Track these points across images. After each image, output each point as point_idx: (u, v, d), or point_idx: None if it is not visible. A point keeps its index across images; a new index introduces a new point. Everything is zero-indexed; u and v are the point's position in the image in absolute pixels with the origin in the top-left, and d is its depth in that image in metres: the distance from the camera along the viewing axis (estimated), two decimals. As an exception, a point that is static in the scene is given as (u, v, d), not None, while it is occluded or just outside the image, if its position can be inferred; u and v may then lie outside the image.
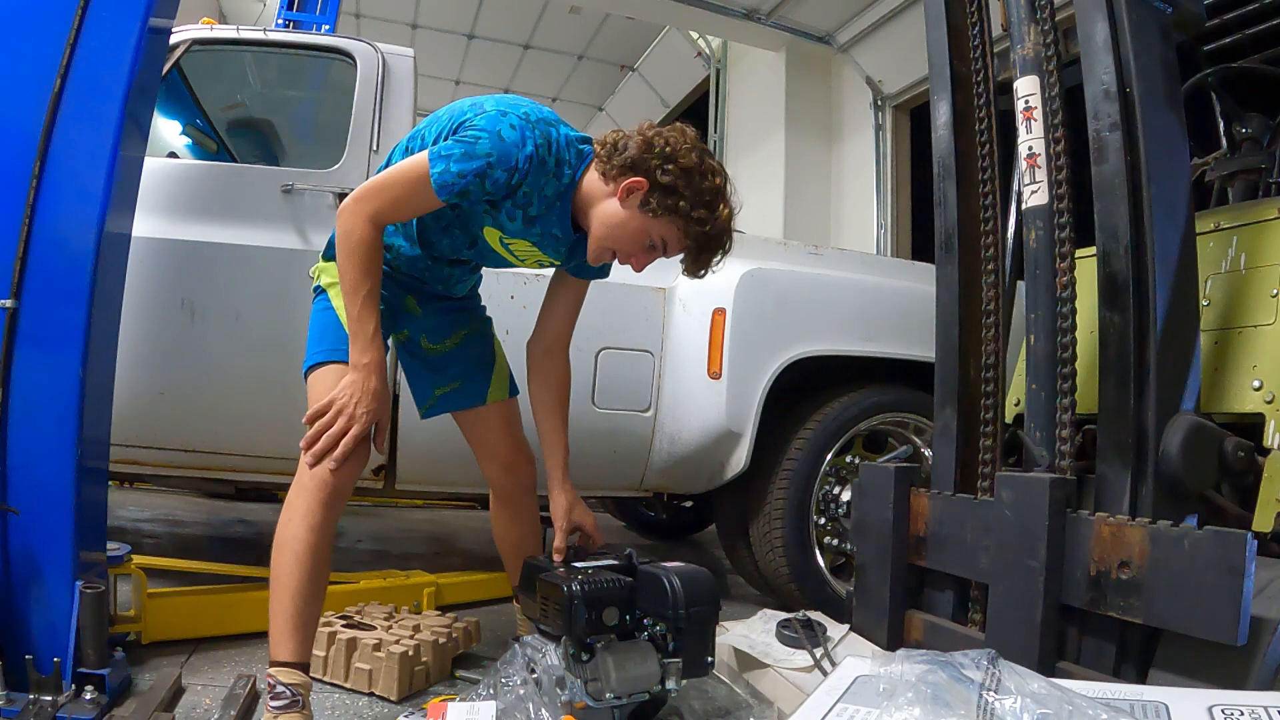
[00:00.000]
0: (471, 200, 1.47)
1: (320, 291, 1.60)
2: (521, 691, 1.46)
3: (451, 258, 1.66)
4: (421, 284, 1.70)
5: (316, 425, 1.41)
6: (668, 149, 1.41)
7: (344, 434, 1.40)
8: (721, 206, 1.43)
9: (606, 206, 1.45)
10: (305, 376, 1.54)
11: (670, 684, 1.43)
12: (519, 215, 1.51)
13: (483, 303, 1.87)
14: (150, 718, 1.43)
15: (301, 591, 1.38)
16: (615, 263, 1.56)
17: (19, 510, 1.47)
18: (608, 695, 1.39)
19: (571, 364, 1.78)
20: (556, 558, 1.62)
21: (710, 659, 1.46)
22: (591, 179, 1.48)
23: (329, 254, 1.61)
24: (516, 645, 1.53)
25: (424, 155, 1.43)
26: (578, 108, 8.12)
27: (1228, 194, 2.27)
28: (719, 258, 1.49)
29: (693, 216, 1.41)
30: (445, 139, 1.46)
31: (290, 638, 1.37)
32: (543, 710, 1.42)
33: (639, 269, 1.52)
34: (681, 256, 1.48)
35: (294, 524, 1.41)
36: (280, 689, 1.33)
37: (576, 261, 1.64)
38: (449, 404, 1.77)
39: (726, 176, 1.47)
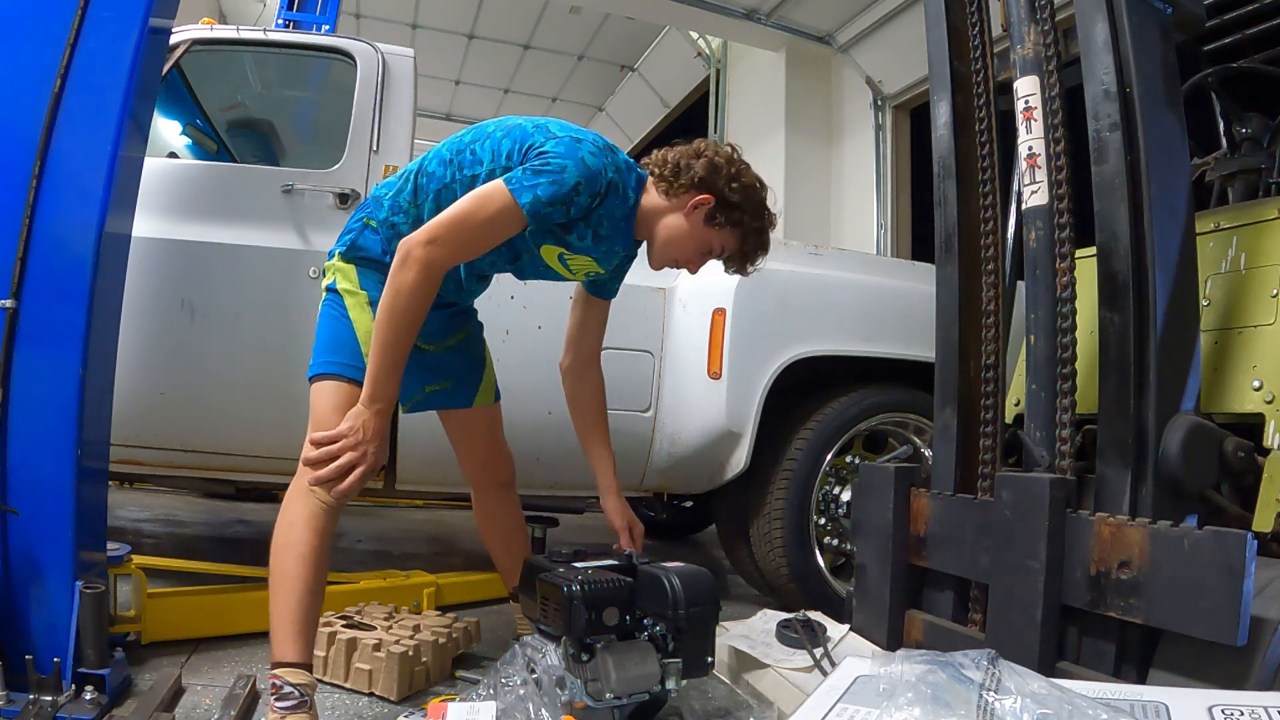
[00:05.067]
0: (549, 224, 1.50)
1: (333, 293, 1.57)
2: (522, 691, 1.46)
3: (483, 273, 1.68)
4: (440, 296, 1.68)
5: (323, 450, 1.39)
6: (732, 169, 1.56)
7: (352, 468, 1.39)
8: (769, 214, 1.61)
9: (671, 220, 1.57)
10: (311, 380, 1.52)
11: (670, 684, 1.43)
12: (589, 235, 1.57)
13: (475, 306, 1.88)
14: (150, 718, 1.43)
15: (307, 594, 1.39)
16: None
17: (19, 510, 1.47)
18: (608, 695, 1.39)
19: (571, 364, 1.80)
20: (626, 546, 1.68)
21: (710, 659, 1.46)
22: (651, 197, 1.59)
23: (347, 255, 1.58)
24: (516, 645, 1.53)
25: (499, 187, 1.43)
26: (578, 108, 8.12)
27: (1228, 194, 2.27)
28: (764, 258, 1.67)
29: (753, 227, 1.58)
30: (517, 166, 1.47)
31: (296, 639, 1.37)
32: (543, 710, 1.42)
33: (695, 271, 1.67)
34: (729, 257, 1.63)
35: (297, 528, 1.41)
36: (288, 689, 1.33)
37: (610, 275, 1.73)
38: (435, 403, 1.80)
39: (766, 187, 1.63)
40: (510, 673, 1.50)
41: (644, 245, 1.66)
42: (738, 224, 1.57)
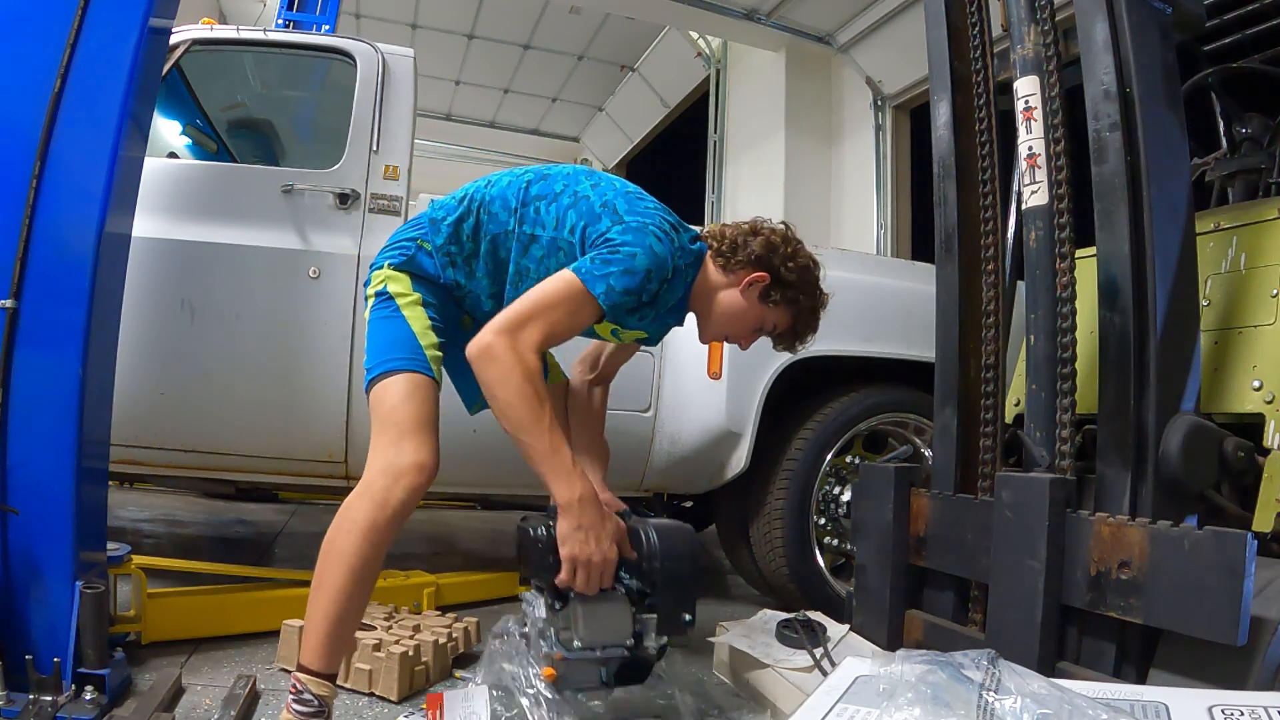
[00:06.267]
0: (621, 313, 1.48)
1: (383, 296, 1.51)
2: (507, 667, 1.46)
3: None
4: (484, 312, 1.63)
5: (574, 576, 1.38)
6: (788, 249, 1.58)
7: (602, 576, 1.39)
8: (822, 294, 1.63)
9: (726, 296, 1.59)
10: (371, 384, 1.45)
11: (649, 642, 1.42)
12: (650, 315, 1.56)
13: None
14: (150, 718, 1.43)
15: (349, 604, 1.34)
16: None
17: (19, 510, 1.47)
18: (576, 644, 1.39)
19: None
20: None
21: (689, 618, 1.43)
22: (707, 272, 1.60)
23: (401, 267, 1.53)
24: (509, 623, 1.54)
25: (572, 276, 1.40)
26: (578, 108, 8.12)
27: (1228, 194, 2.27)
28: (814, 338, 1.68)
29: (806, 306, 1.60)
30: (578, 247, 1.49)
31: (325, 646, 1.33)
32: (531, 672, 1.42)
33: (745, 348, 1.69)
34: (780, 335, 1.64)
35: (355, 536, 1.34)
36: (308, 696, 1.31)
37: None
38: None
39: (820, 265, 1.65)
40: (496, 646, 1.50)
41: (692, 315, 1.66)
42: (792, 302, 1.59)
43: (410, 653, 1.72)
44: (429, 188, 2.35)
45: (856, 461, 2.49)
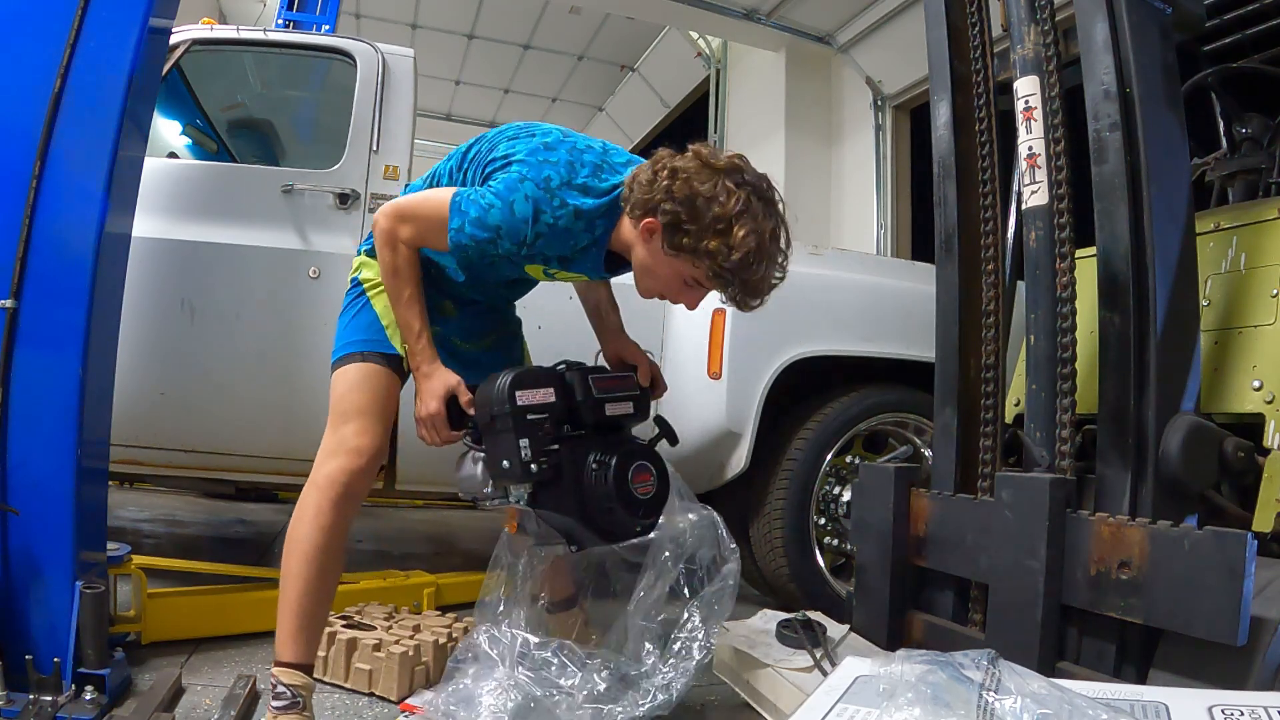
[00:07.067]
0: (498, 256, 1.45)
1: (356, 284, 1.59)
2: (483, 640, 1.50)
3: (501, 282, 1.66)
4: (462, 292, 1.67)
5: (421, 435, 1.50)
6: (666, 180, 1.30)
7: (435, 429, 1.48)
8: (736, 231, 1.27)
9: (638, 252, 1.40)
10: (333, 371, 1.54)
11: (515, 499, 1.45)
12: (554, 260, 1.48)
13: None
14: (150, 718, 1.43)
15: (308, 592, 1.38)
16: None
17: (19, 510, 1.47)
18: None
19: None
20: (644, 381, 1.66)
21: (506, 464, 1.42)
22: (622, 224, 1.42)
23: (371, 251, 1.58)
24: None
25: (448, 199, 1.41)
26: (578, 108, 8.11)
27: (1228, 194, 2.27)
28: (770, 282, 1.35)
29: (704, 250, 1.29)
30: (475, 181, 1.47)
31: (293, 638, 1.37)
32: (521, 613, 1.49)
33: (692, 307, 1.46)
34: (715, 289, 1.38)
35: (304, 523, 1.41)
36: (281, 689, 1.33)
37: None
38: None
39: (758, 193, 1.31)
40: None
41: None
42: (685, 249, 1.30)
43: (410, 653, 1.72)
44: (429, 188, 2.35)
45: (856, 461, 2.49)
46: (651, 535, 1.50)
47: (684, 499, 1.56)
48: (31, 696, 1.41)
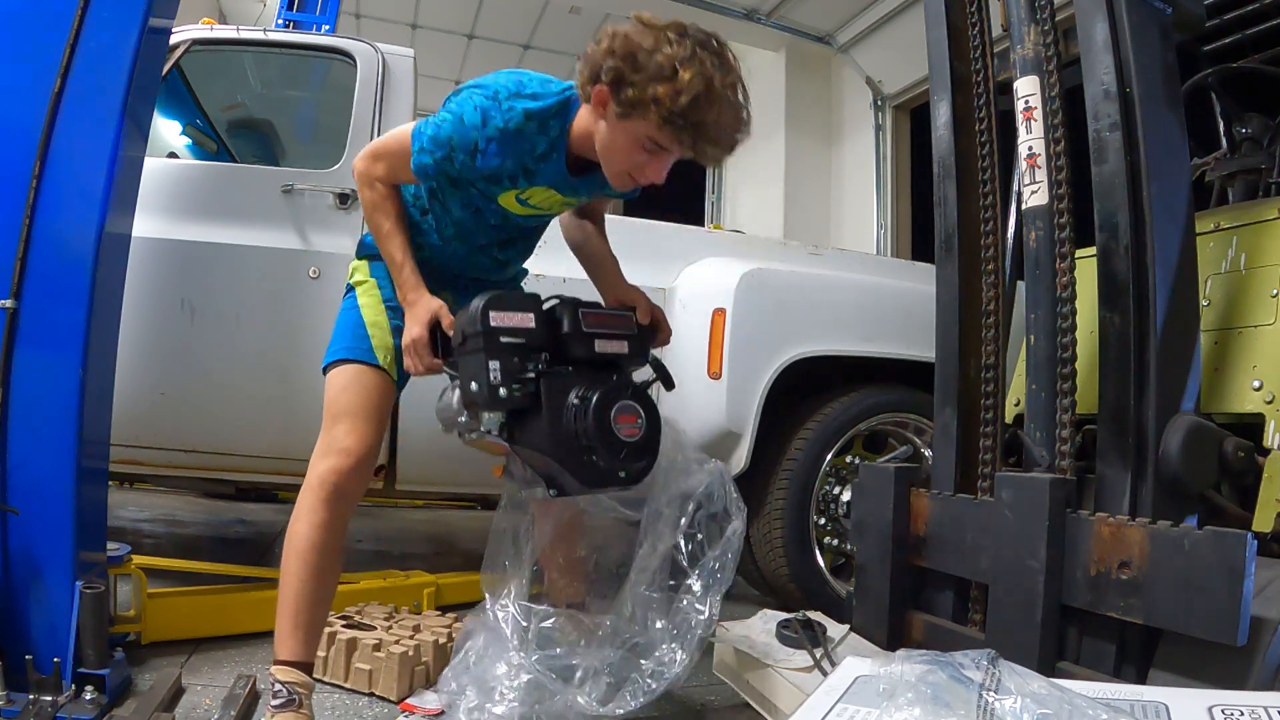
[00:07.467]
0: (460, 176, 1.48)
1: (350, 289, 1.62)
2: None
3: (492, 241, 1.64)
4: (459, 274, 1.67)
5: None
6: (607, 43, 1.28)
7: (418, 355, 1.47)
8: (682, 74, 1.23)
9: (598, 134, 1.37)
10: (325, 374, 1.55)
11: (489, 428, 1.42)
12: (519, 173, 1.45)
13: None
14: (150, 718, 1.43)
15: (304, 590, 1.39)
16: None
17: (19, 510, 1.47)
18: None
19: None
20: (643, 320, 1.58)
21: (475, 387, 1.38)
22: (581, 114, 1.41)
23: (360, 253, 1.65)
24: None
25: (409, 131, 1.46)
26: (578, 108, 8.11)
27: (1228, 194, 2.27)
28: (731, 130, 1.31)
29: (651, 98, 1.24)
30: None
31: (291, 636, 1.38)
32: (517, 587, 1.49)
33: (661, 179, 1.40)
34: (675, 148, 1.34)
35: (300, 522, 1.42)
36: (278, 688, 1.34)
37: (596, 190, 1.59)
38: None
39: (704, 45, 1.27)
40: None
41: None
42: (635, 104, 1.26)
43: (410, 652, 1.72)
44: (429, 188, 2.35)
45: (856, 461, 2.49)
46: (640, 488, 1.45)
47: (685, 450, 1.53)
48: (31, 696, 1.41)
